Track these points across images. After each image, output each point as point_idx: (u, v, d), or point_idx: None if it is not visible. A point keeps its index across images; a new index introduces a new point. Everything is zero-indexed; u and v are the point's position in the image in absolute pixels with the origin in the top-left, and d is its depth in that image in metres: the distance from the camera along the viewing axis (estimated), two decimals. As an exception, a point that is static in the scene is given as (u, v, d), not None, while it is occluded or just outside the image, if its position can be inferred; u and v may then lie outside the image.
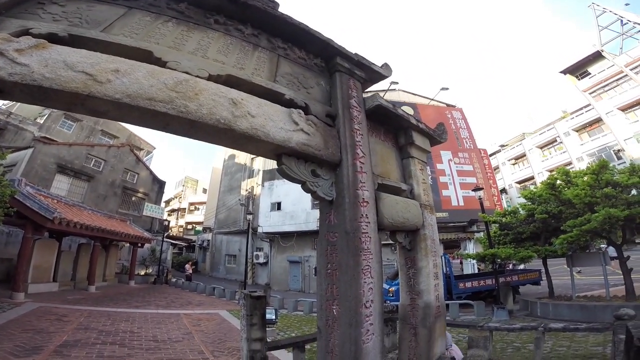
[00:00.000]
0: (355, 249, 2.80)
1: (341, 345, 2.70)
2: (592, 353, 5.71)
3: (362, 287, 2.78)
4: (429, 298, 3.65)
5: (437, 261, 3.89)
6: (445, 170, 20.66)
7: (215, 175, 34.39)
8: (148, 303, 12.59)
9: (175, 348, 6.63)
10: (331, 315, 2.80)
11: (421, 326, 3.64)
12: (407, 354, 3.73)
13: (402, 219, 3.45)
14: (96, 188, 20.32)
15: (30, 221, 10.84)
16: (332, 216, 2.95)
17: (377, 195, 3.21)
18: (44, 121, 22.79)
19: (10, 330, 6.54)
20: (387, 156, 3.80)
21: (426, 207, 3.91)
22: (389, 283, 11.80)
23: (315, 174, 2.89)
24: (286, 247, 21.72)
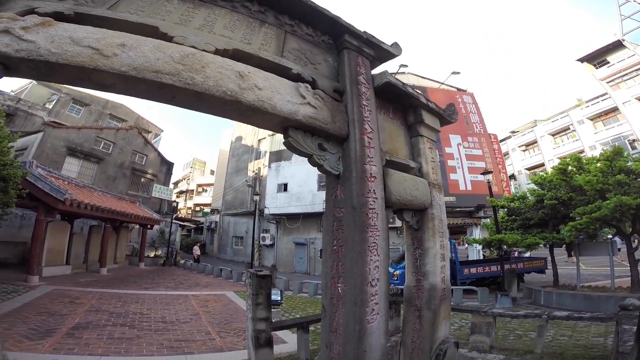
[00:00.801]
0: (362, 224, 2.76)
1: (345, 325, 2.70)
2: (592, 343, 5.72)
3: (368, 265, 2.75)
4: (434, 280, 3.62)
5: (445, 242, 3.84)
6: (453, 154, 20.46)
7: (223, 157, 34.55)
8: (157, 285, 12.93)
9: (183, 329, 6.83)
10: (336, 294, 2.79)
11: (426, 308, 3.62)
12: (410, 337, 3.72)
13: (410, 196, 3.39)
14: (106, 170, 20.66)
15: (42, 203, 10.99)
16: (338, 191, 2.91)
17: (384, 172, 3.15)
18: (52, 106, 23.20)
19: (25, 313, 6.74)
20: (395, 134, 3.73)
21: (435, 186, 3.84)
22: (394, 266, 11.87)
23: (322, 148, 2.85)
24: (292, 228, 21.94)
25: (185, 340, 6.08)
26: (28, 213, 13.15)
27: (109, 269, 15.24)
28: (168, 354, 5.27)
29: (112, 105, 26.80)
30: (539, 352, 5.03)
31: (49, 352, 4.71)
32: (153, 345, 5.62)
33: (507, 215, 12.90)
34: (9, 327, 5.62)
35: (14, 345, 4.78)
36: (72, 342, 5.28)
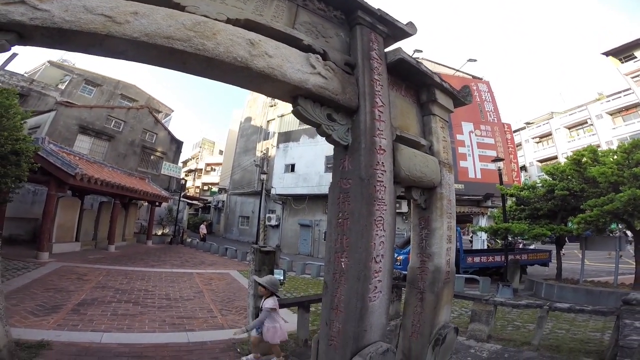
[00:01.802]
0: (369, 197, 2.72)
1: (347, 301, 2.68)
2: (589, 338, 5.71)
3: (374, 240, 2.71)
4: (439, 262, 3.58)
5: (452, 224, 3.78)
6: (465, 142, 20.24)
7: (232, 137, 34.82)
8: (163, 262, 13.15)
9: (186, 306, 6.95)
10: (339, 269, 2.77)
11: (429, 291, 3.59)
12: (410, 320, 3.71)
13: (420, 173, 3.34)
14: (116, 147, 21.20)
15: (54, 177, 11.11)
16: (346, 162, 2.88)
17: (394, 146, 3.10)
18: (65, 87, 23.79)
19: (33, 290, 6.83)
20: (407, 111, 3.65)
21: (445, 165, 3.78)
22: (398, 251, 11.89)
23: (331, 119, 2.82)
24: (298, 209, 22.10)
25: (188, 317, 6.17)
26: (40, 189, 13.40)
27: (117, 247, 15.56)
28: (169, 330, 5.36)
29: (124, 86, 27.28)
30: (537, 343, 5.04)
31: (52, 329, 4.77)
32: (155, 321, 5.70)
33: (515, 205, 12.69)
34: (17, 303, 5.70)
35: (20, 322, 4.85)
36: (76, 319, 5.37)
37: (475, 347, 5.02)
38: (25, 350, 3.76)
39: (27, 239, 13.19)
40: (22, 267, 8.75)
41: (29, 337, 4.20)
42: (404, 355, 3.69)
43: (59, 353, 3.91)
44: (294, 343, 4.93)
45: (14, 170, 7.99)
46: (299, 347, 4.80)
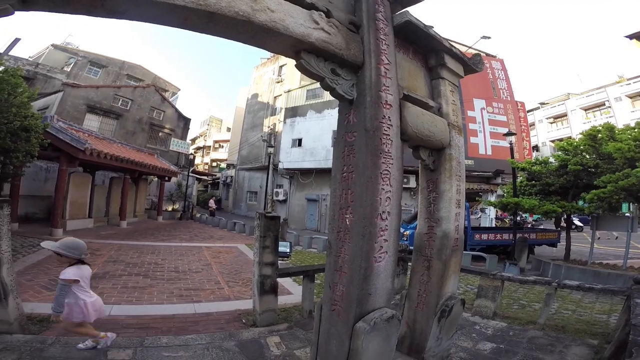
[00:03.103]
0: (374, 149, 2.62)
1: (351, 262, 2.60)
2: (595, 320, 5.66)
3: (379, 194, 2.62)
4: (448, 227, 3.47)
5: (461, 187, 3.66)
6: (476, 118, 20.04)
7: (239, 114, 34.88)
8: (173, 237, 13.43)
9: (194, 278, 7.09)
10: (343, 226, 2.68)
11: (436, 258, 3.49)
12: (417, 290, 3.64)
13: (428, 131, 3.22)
14: (125, 125, 21.45)
15: (64, 153, 11.26)
16: (351, 116, 2.78)
17: (401, 104, 2.99)
18: (70, 69, 24.03)
19: (47, 265, 6.96)
20: (414, 73, 3.50)
21: (454, 127, 3.65)
22: (405, 226, 11.90)
23: (335, 73, 2.71)
24: (305, 184, 22.28)
25: (195, 289, 6.30)
26: (52, 166, 13.60)
27: (128, 222, 15.91)
28: (177, 302, 5.47)
29: (129, 66, 27.31)
30: (542, 322, 4.99)
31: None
32: (164, 293, 5.82)
33: (526, 180, 12.40)
34: (31, 278, 5.87)
35: (33, 296, 4.97)
36: None
37: (480, 324, 5.02)
38: (36, 324, 3.87)
39: (42, 217, 13.53)
40: (37, 244, 8.92)
41: (41, 310, 4.29)
42: (408, 327, 3.66)
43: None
44: (299, 314, 5.01)
45: (24, 146, 8.18)
46: (304, 318, 4.87)
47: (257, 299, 4.48)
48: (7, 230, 3.53)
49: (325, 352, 2.83)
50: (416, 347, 3.57)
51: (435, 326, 3.42)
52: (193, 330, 4.26)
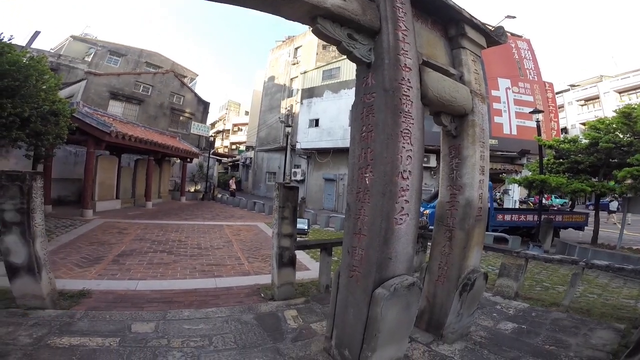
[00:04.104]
0: (394, 108, 2.57)
1: (371, 223, 2.54)
2: (622, 305, 5.42)
3: (400, 152, 2.55)
4: (471, 194, 3.35)
5: (485, 154, 3.52)
6: (500, 98, 19.37)
7: (256, 98, 35.15)
8: (196, 216, 13.91)
9: (216, 254, 7.31)
10: (363, 185, 2.63)
11: (459, 228, 3.36)
12: (437, 262, 3.54)
13: (449, 96, 3.13)
14: (147, 110, 22.17)
15: (91, 136, 11.66)
16: (369, 79, 2.74)
17: (421, 69, 2.91)
18: (91, 59, 24.76)
19: (79, 244, 7.35)
20: (433, 42, 3.40)
21: (477, 94, 3.53)
22: (425, 205, 11.70)
23: (352, 38, 2.68)
24: (322, 164, 22.39)
25: (217, 264, 6.49)
26: (81, 150, 14.13)
27: (153, 203, 16.52)
28: (199, 277, 5.64)
29: (147, 54, 28.00)
30: (567, 304, 4.82)
31: (94, 278, 5.09)
32: (187, 269, 6.02)
33: (554, 159, 11.82)
34: (64, 256, 6.15)
35: (66, 273, 5.20)
36: (115, 268, 5.74)
37: (501, 304, 4.92)
38: (67, 300, 4.05)
39: (74, 200, 14.24)
40: (70, 225, 9.48)
41: (72, 287, 4.49)
42: (427, 302, 3.61)
43: (97, 300, 4.19)
44: (316, 289, 5.08)
45: (54, 129, 8.53)
46: (321, 293, 4.93)
47: (276, 272, 4.54)
48: (41, 203, 3.69)
49: (342, 322, 2.81)
50: (435, 322, 3.53)
51: (456, 300, 3.34)
52: (213, 303, 4.37)
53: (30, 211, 3.49)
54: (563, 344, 3.64)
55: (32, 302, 3.60)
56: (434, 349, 3.32)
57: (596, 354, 3.37)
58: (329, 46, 27.13)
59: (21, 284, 3.57)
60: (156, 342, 3.09)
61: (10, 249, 3.48)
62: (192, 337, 3.24)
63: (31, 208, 3.49)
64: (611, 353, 3.39)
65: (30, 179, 3.49)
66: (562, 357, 3.31)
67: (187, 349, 3.01)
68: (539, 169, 11.17)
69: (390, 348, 2.67)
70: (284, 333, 3.49)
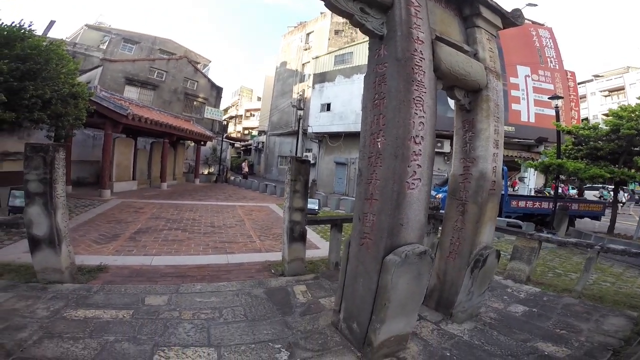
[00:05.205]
0: (406, 76, 2.57)
1: (383, 187, 2.53)
2: (636, 293, 5.31)
3: (412, 118, 2.55)
4: (485, 167, 3.31)
5: (500, 129, 3.48)
6: (519, 85, 18.97)
7: (268, 83, 35.20)
8: (209, 197, 14.21)
9: (228, 232, 7.49)
10: (375, 150, 2.63)
11: (471, 202, 3.31)
12: (449, 238, 3.49)
13: (463, 70, 3.10)
14: (161, 95, 22.49)
15: (109, 119, 11.88)
16: (381, 50, 2.75)
17: (434, 43, 2.90)
18: (106, 47, 24.96)
19: (97, 222, 7.59)
20: (447, 20, 3.34)
21: (492, 71, 3.48)
22: (437, 189, 11.58)
23: (364, 12, 2.68)
24: (334, 147, 22.37)
25: (229, 242, 6.64)
26: (98, 134, 14.48)
27: (168, 185, 16.91)
28: (212, 253, 5.79)
29: (161, 41, 28.10)
30: (579, 290, 4.74)
31: (111, 254, 5.24)
32: (200, 246, 6.17)
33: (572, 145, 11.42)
34: (83, 234, 6.35)
35: (84, 249, 5.37)
36: (132, 245, 5.90)
37: (512, 287, 4.89)
38: (85, 274, 4.18)
39: (92, 181, 14.69)
40: (89, 204, 9.80)
41: (90, 262, 4.64)
42: (438, 280, 3.59)
43: (113, 275, 4.33)
44: (325, 267, 5.15)
45: (73, 111, 8.74)
46: (330, 270, 4.99)
47: (287, 247, 4.60)
48: (63, 174, 3.81)
49: (351, 294, 2.83)
50: (445, 301, 3.54)
51: (467, 278, 3.32)
52: (225, 278, 4.49)
53: (53, 181, 3.61)
54: (574, 328, 3.61)
55: (51, 276, 3.71)
56: (442, 327, 3.34)
57: (608, 340, 3.33)
58: (341, 31, 26.64)
59: (42, 257, 3.68)
60: (168, 314, 3.19)
61: (33, 220, 3.60)
62: (202, 310, 3.34)
63: (53, 178, 3.61)
64: (623, 340, 3.35)
65: (53, 150, 3.62)
66: (573, 342, 3.29)
67: (197, 320, 3.10)
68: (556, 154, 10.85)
69: (400, 321, 2.68)
70: (293, 307, 3.57)
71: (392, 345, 2.70)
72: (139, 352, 2.53)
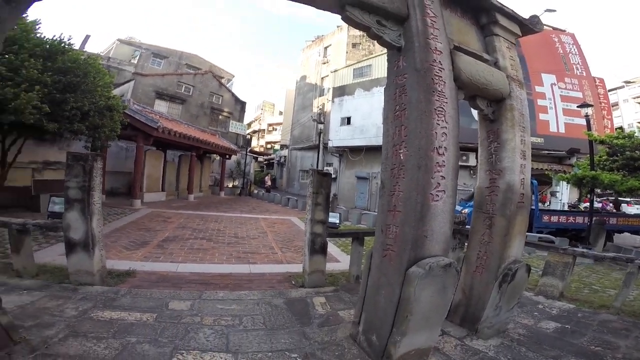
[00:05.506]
0: (426, 86, 2.57)
1: (406, 198, 2.50)
2: None
3: (434, 129, 2.53)
4: (512, 178, 3.20)
5: (526, 139, 3.37)
6: (545, 94, 18.19)
7: (289, 97, 35.98)
8: (234, 209, 14.62)
9: (251, 243, 7.65)
10: (397, 161, 2.62)
11: (499, 215, 3.20)
12: (476, 252, 3.38)
13: (484, 79, 3.07)
14: (189, 109, 23.49)
15: (141, 132, 12.55)
16: (400, 61, 2.77)
17: (452, 53, 2.89)
18: (137, 61, 26.37)
19: (128, 230, 7.97)
20: (464, 30, 3.35)
21: (514, 80, 3.42)
22: (463, 204, 11.27)
23: (381, 24, 2.73)
24: (355, 162, 22.17)
25: (252, 252, 6.78)
26: (131, 146, 15.23)
27: (195, 196, 17.52)
28: (235, 262, 5.93)
29: (187, 56, 29.48)
30: (618, 306, 4.43)
31: (139, 260, 5.48)
32: (224, 255, 6.37)
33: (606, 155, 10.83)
34: (114, 240, 6.67)
35: (115, 255, 5.63)
36: (159, 252, 6.15)
37: (544, 303, 4.64)
38: (114, 278, 4.39)
39: (124, 191, 15.43)
40: (121, 213, 10.34)
41: (120, 267, 4.86)
42: (463, 295, 3.49)
43: (141, 280, 4.52)
44: (345, 280, 5.11)
45: (109, 123, 9.27)
46: (350, 283, 4.95)
47: (307, 259, 4.62)
48: (99, 183, 4.07)
49: (372, 305, 2.79)
50: (471, 316, 3.41)
51: (495, 292, 3.20)
52: (247, 287, 4.57)
53: (90, 189, 3.87)
54: (611, 345, 3.38)
55: (83, 278, 3.91)
56: (467, 343, 3.21)
57: (648, 357, 3.10)
58: (358, 44, 26.92)
59: (76, 259, 3.89)
60: (190, 319, 3.27)
61: (71, 225, 3.86)
62: (223, 316, 3.40)
63: (91, 186, 3.87)
64: (665, 356, 3.12)
65: (92, 159, 3.88)
66: (609, 358, 3.09)
67: (217, 327, 3.16)
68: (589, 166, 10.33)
69: (422, 334, 2.60)
70: (312, 318, 3.56)
71: (412, 359, 2.62)
72: (158, 354, 2.59)
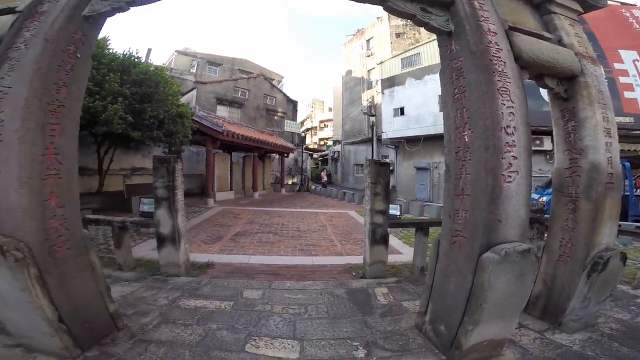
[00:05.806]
0: (485, 67, 2.46)
1: (474, 180, 2.37)
2: None
3: (500, 108, 2.38)
4: (597, 157, 2.86)
5: (609, 116, 3.02)
6: (628, 71, 15.97)
7: (337, 93, 35.98)
8: (294, 205, 15.48)
9: (312, 236, 8.03)
10: (462, 144, 2.51)
11: (583, 198, 2.88)
12: (558, 239, 3.06)
13: (549, 57, 2.84)
14: (247, 112, 24.89)
15: (208, 136, 13.71)
16: (452, 45, 2.68)
17: (509, 33, 2.73)
18: (195, 70, 28.42)
19: (204, 226, 8.84)
20: (517, 10, 3.14)
21: (584, 56, 3.11)
22: (540, 192, 10.30)
23: (426, 11, 2.68)
24: (412, 152, 21.23)
25: (313, 245, 7.12)
26: (201, 150, 16.72)
27: (259, 194, 18.85)
28: (299, 255, 6.29)
29: (239, 62, 31.20)
30: None
31: (216, 253, 6.08)
32: (289, 247, 6.81)
33: None
34: (194, 235, 7.42)
35: (195, 248, 6.21)
36: (232, 245, 6.77)
37: (645, 300, 4.08)
38: (196, 269, 4.89)
39: (197, 192, 17.05)
40: (197, 211, 11.56)
41: (200, 259, 5.40)
42: (544, 286, 3.21)
43: (218, 270, 4.98)
44: (409, 272, 5.03)
45: (181, 129, 10.27)
46: (414, 274, 4.86)
47: (368, 249, 4.62)
48: (181, 182, 4.58)
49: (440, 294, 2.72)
50: (553, 309, 3.15)
51: (582, 283, 2.90)
52: (310, 278, 4.80)
53: (174, 188, 4.40)
54: None
55: (171, 269, 4.40)
56: (547, 337, 2.98)
57: None
58: (402, 34, 25.68)
59: (166, 252, 4.40)
60: (261, 307, 3.54)
61: (160, 221, 4.41)
62: (291, 305, 3.63)
63: (175, 185, 4.40)
64: None
65: (173, 161, 4.41)
66: None
67: (285, 314, 3.39)
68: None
69: (496, 324, 2.45)
70: (373, 308, 3.60)
71: (484, 350, 2.50)
72: (235, 340, 2.86)
